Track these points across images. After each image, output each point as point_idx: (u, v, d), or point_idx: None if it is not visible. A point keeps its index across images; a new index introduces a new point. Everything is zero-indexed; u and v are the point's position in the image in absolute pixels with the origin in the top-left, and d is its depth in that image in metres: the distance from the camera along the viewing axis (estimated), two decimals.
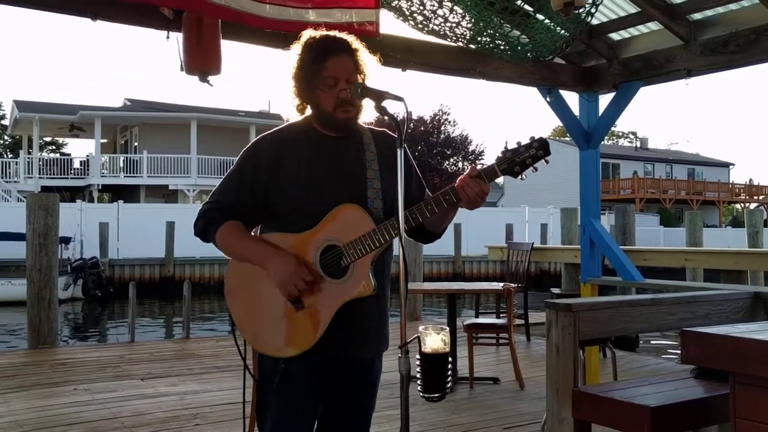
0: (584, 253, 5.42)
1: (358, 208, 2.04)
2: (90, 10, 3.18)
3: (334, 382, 2.18)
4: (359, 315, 2.08)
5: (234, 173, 2.17)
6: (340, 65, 2.08)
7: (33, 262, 7.52)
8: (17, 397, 5.14)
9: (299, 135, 2.15)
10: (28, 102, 32.12)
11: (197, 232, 2.17)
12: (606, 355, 5.95)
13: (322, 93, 2.08)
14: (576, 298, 4.82)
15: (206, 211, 2.14)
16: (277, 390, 2.12)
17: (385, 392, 4.97)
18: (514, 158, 1.99)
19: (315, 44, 2.11)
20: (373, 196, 2.10)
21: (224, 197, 2.14)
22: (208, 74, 3.28)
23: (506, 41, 4.24)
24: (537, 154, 1.98)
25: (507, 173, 1.99)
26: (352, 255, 2.01)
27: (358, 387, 2.22)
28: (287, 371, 2.09)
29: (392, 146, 2.13)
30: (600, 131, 5.38)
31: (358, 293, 2.03)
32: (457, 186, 2.00)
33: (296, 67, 2.12)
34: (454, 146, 36.10)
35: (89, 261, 19.50)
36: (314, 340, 2.03)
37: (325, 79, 2.07)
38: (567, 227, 12.78)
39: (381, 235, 2.00)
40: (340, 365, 2.16)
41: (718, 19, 4.45)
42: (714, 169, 46.68)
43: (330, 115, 2.10)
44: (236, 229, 2.11)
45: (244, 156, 2.18)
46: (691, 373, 3.14)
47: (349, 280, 2.03)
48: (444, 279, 22.54)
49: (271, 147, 2.14)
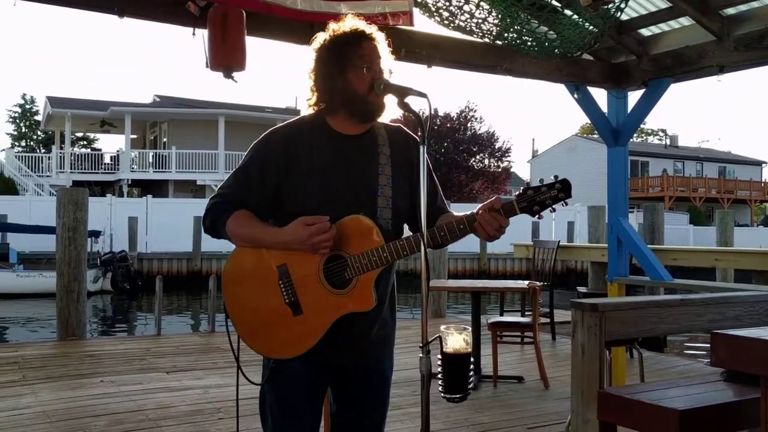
0: (611, 252, 5.35)
1: (368, 222, 2.00)
2: (116, 6, 3.20)
3: (339, 385, 2.16)
4: (356, 326, 2.05)
5: (243, 169, 2.10)
6: (375, 50, 2.04)
7: (62, 256, 7.63)
8: (46, 388, 5.22)
9: (312, 131, 2.08)
10: (60, 98, 32.63)
11: (207, 227, 2.11)
12: (633, 356, 5.87)
13: (355, 75, 2.01)
14: (602, 298, 4.76)
15: (213, 204, 2.08)
16: (270, 389, 2.11)
17: (408, 389, 5.00)
18: (534, 197, 1.96)
19: (347, 30, 2.05)
20: (383, 205, 2.06)
21: (232, 193, 2.08)
22: (233, 70, 3.28)
23: (533, 37, 4.19)
24: (558, 195, 1.95)
25: (525, 211, 1.97)
26: (357, 269, 1.98)
27: (365, 390, 2.20)
28: (278, 371, 2.08)
29: (407, 144, 2.12)
30: (628, 129, 5.30)
31: (358, 308, 2.01)
32: (477, 222, 1.97)
33: (323, 49, 2.05)
34: (481, 143, 35.88)
35: (118, 254, 19.81)
36: (307, 349, 2.01)
37: (361, 58, 2.01)
38: (594, 225, 12.64)
39: (389, 254, 1.97)
40: (341, 372, 2.14)
41: (753, 13, 4.35)
42: (746, 167, 45.85)
43: (363, 98, 2.02)
44: (248, 216, 2.04)
45: (254, 151, 2.11)
46: (720, 376, 3.07)
47: (350, 293, 2.00)
48: (469, 276, 22.49)
49: (282, 143, 2.07)
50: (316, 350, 2.01)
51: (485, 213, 1.95)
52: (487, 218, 1.95)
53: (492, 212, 1.94)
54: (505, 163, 37.27)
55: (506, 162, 37.38)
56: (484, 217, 1.95)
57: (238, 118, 30.73)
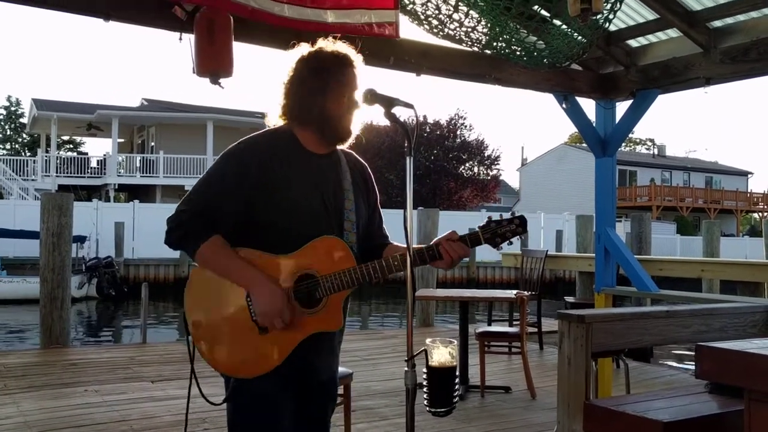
0: (599, 262, 5.35)
1: (341, 243, 2.04)
2: (102, 9, 3.17)
3: (301, 400, 2.13)
4: (322, 344, 2.08)
5: (215, 177, 2.06)
6: (354, 78, 2.10)
7: (46, 262, 7.55)
8: (27, 398, 5.15)
9: (283, 147, 2.09)
10: (46, 101, 32.41)
11: (172, 241, 2.05)
12: (619, 366, 5.87)
13: (334, 98, 2.06)
14: (588, 309, 4.75)
15: (184, 221, 2.01)
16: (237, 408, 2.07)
17: (395, 400, 4.98)
18: (497, 230, 2.07)
19: (336, 52, 2.10)
20: (349, 228, 2.11)
21: (204, 203, 2.03)
22: (220, 76, 3.25)
23: (522, 46, 4.19)
24: (516, 230, 2.07)
25: (488, 242, 2.06)
26: (328, 289, 2.00)
27: (325, 403, 2.23)
28: (241, 389, 2.05)
29: (363, 170, 2.26)
30: (616, 139, 5.31)
31: (327, 328, 2.04)
32: (441, 247, 2.04)
33: (307, 64, 2.08)
34: (470, 150, 35.97)
35: (104, 260, 19.62)
36: (271, 368, 2.00)
37: (343, 84, 2.07)
38: (582, 235, 12.69)
39: (361, 275, 2.01)
40: (304, 388, 2.13)
41: (739, 27, 4.38)
42: (732, 177, 46.24)
43: (336, 122, 2.08)
44: (223, 247, 2.01)
45: (226, 161, 2.08)
46: (705, 388, 3.07)
47: (320, 313, 2.01)
48: (458, 284, 22.47)
49: (256, 157, 2.05)
50: (281, 368, 2.01)
51: (449, 242, 2.04)
52: (454, 246, 2.03)
53: (457, 242, 2.04)
54: (494, 171, 37.38)
55: (495, 170, 37.49)
56: (450, 245, 2.03)
57: (227, 122, 30.62)
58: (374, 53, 4.02)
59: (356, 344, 7.80)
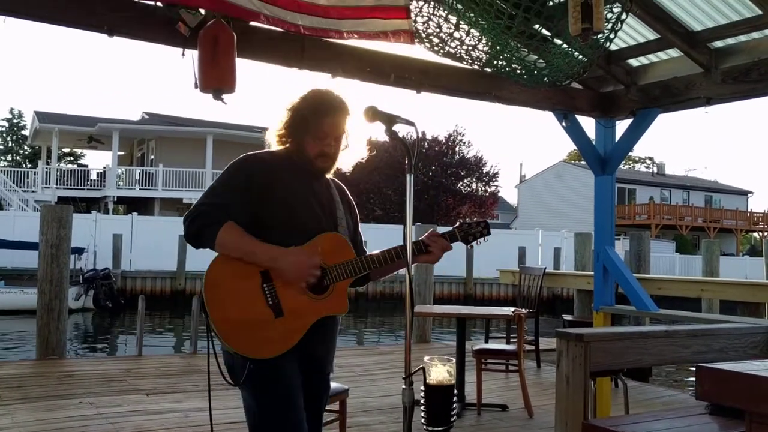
0: (597, 281, 5.34)
1: (342, 238, 2.32)
2: (106, 25, 3.18)
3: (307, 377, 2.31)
4: (327, 326, 2.31)
5: (225, 185, 2.26)
6: (336, 125, 2.32)
7: (44, 273, 7.53)
8: (22, 409, 5.11)
9: (282, 162, 2.33)
10: (48, 113, 32.50)
11: (191, 234, 2.20)
12: (618, 386, 5.84)
13: (310, 140, 2.31)
14: (587, 328, 4.74)
15: (202, 212, 2.20)
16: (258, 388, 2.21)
17: (391, 416, 4.95)
18: (468, 230, 2.44)
19: (321, 99, 2.33)
20: (342, 233, 2.38)
21: (219, 199, 2.22)
22: (222, 92, 3.25)
23: (523, 65, 4.20)
24: (483, 231, 2.45)
25: (462, 240, 2.44)
26: (334, 277, 2.25)
27: (324, 386, 2.44)
28: (259, 370, 2.18)
29: (345, 194, 2.55)
30: (616, 158, 5.32)
31: (335, 312, 2.28)
32: (430, 242, 2.37)
33: (297, 107, 2.33)
34: (469, 167, 36.01)
35: (101, 272, 19.59)
36: (289, 347, 2.18)
37: (318, 131, 2.30)
38: (581, 252, 12.67)
39: (363, 264, 2.28)
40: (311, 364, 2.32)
41: (740, 47, 4.40)
42: (732, 196, 46.29)
43: (310, 161, 2.34)
44: (241, 230, 2.19)
45: (235, 171, 2.29)
46: (705, 409, 3.05)
47: (328, 298, 2.24)
48: (455, 300, 22.44)
49: (261, 168, 2.29)
50: (295, 348, 2.21)
51: (434, 237, 2.39)
52: (435, 238, 2.39)
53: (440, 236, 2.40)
54: (492, 187, 37.40)
55: (494, 186, 37.52)
56: (436, 240, 2.38)
57: (227, 137, 30.70)
58: (375, 70, 4.04)
59: (352, 359, 7.77)
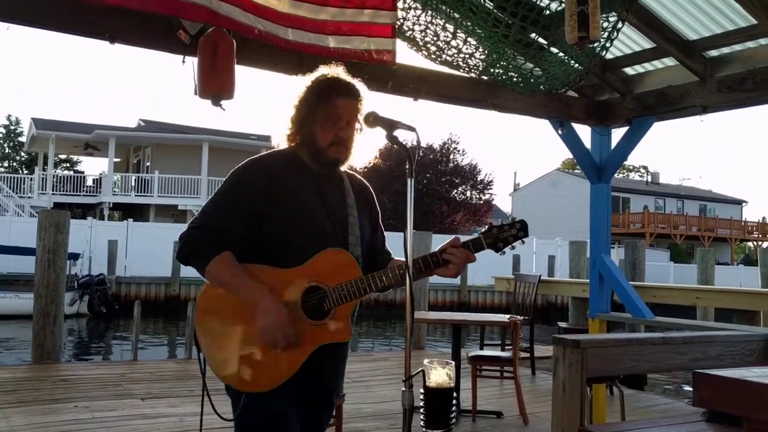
0: (593, 288, 5.36)
1: (346, 254, 2.08)
2: (108, 33, 3.20)
3: (304, 413, 2.14)
4: (330, 355, 2.10)
5: (226, 195, 2.09)
6: (348, 106, 2.11)
7: (41, 278, 7.53)
8: (17, 413, 5.09)
9: (291, 165, 2.15)
10: (45, 120, 32.44)
11: (183, 255, 2.06)
12: (613, 393, 5.85)
13: (320, 130, 2.11)
14: (584, 335, 4.75)
15: (198, 235, 2.04)
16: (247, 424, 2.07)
17: (386, 423, 4.94)
18: (498, 235, 2.10)
19: (328, 81, 2.14)
20: (354, 242, 2.15)
21: (219, 220, 2.05)
22: (221, 98, 3.27)
23: (519, 73, 4.23)
24: (518, 234, 2.10)
25: (491, 247, 2.10)
26: (336, 300, 2.02)
27: (324, 419, 2.27)
28: (253, 405, 2.04)
29: (365, 189, 2.31)
30: (612, 165, 5.35)
31: (335, 339, 2.06)
32: (447, 253, 2.08)
33: (303, 96, 2.14)
34: (463, 175, 36.06)
35: (96, 278, 19.53)
36: (283, 381, 2.01)
37: (330, 115, 2.10)
38: (575, 260, 12.70)
39: (368, 285, 2.04)
40: (310, 400, 2.15)
41: (735, 56, 4.43)
42: (726, 206, 46.42)
43: (323, 151, 2.12)
44: (232, 264, 2.03)
45: (236, 178, 2.12)
46: (702, 416, 3.05)
47: (329, 324, 2.04)
48: (449, 308, 22.39)
49: (264, 174, 2.10)
50: (291, 380, 2.02)
51: (453, 248, 2.08)
52: (457, 252, 2.06)
53: (460, 248, 2.08)
54: (486, 195, 37.41)
55: (488, 194, 37.54)
56: (455, 251, 2.07)
57: (222, 144, 30.70)
58: (373, 77, 4.06)
59: (347, 366, 7.74)
